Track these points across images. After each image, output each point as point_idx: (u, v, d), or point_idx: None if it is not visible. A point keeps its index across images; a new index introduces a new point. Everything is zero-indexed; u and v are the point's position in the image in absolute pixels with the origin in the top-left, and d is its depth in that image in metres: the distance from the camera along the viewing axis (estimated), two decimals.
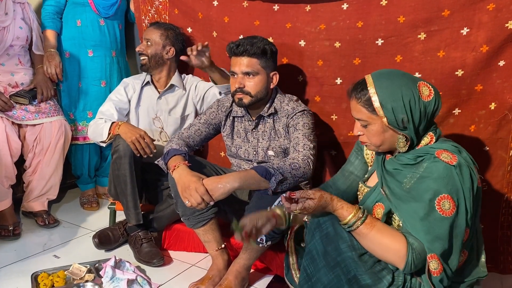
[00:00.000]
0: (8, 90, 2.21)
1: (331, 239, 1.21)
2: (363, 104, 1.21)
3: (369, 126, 1.23)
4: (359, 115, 1.23)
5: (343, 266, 1.18)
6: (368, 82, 1.21)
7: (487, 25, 1.59)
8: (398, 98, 1.17)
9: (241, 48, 1.66)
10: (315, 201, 1.19)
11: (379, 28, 1.73)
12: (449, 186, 1.12)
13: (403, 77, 1.21)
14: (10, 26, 2.19)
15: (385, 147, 1.26)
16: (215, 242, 1.75)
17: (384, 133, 1.22)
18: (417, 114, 1.18)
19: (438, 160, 1.14)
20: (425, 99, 1.18)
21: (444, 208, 1.11)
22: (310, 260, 1.24)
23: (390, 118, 1.18)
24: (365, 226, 1.16)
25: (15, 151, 2.13)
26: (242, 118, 1.82)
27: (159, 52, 2.09)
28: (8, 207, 2.14)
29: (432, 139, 1.22)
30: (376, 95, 1.18)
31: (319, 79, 1.90)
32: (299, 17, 1.87)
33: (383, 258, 1.18)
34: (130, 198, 1.91)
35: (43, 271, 1.72)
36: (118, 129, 1.91)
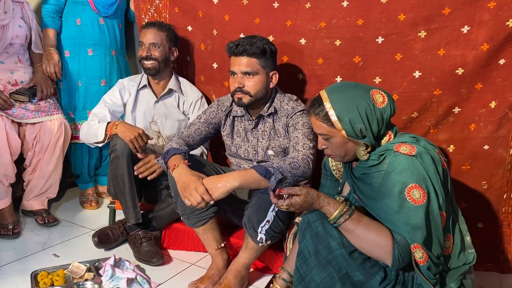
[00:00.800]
0: (7, 88, 2.21)
1: (321, 237, 1.23)
2: (322, 120, 1.25)
3: (331, 140, 1.27)
4: (320, 130, 1.28)
5: (335, 264, 1.20)
6: (323, 97, 1.26)
7: (488, 24, 1.59)
8: (353, 110, 1.21)
9: (240, 47, 1.65)
10: (301, 197, 1.24)
11: (380, 26, 1.73)
12: (414, 176, 1.15)
13: (356, 88, 1.26)
14: (9, 24, 2.19)
15: (350, 157, 1.30)
16: (214, 241, 1.75)
17: (346, 144, 1.26)
18: (374, 121, 1.22)
19: (398, 153, 1.18)
20: (379, 106, 1.23)
21: (415, 197, 1.14)
22: (302, 260, 1.27)
23: (349, 130, 1.22)
24: (351, 221, 1.19)
25: (15, 150, 2.13)
26: (242, 117, 1.82)
27: (167, 55, 2.07)
28: (8, 205, 2.15)
29: (390, 136, 1.26)
30: (332, 109, 1.23)
31: (319, 77, 1.90)
32: (299, 14, 1.86)
33: (371, 254, 1.20)
34: (129, 198, 1.91)
35: (42, 270, 1.72)
36: (115, 128, 1.90)
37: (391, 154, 1.19)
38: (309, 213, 1.32)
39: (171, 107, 2.13)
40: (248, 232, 1.63)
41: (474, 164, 1.72)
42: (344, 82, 1.33)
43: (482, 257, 1.77)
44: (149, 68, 2.05)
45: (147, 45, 2.03)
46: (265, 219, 1.57)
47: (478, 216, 1.75)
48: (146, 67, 2.05)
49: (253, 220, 1.59)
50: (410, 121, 1.77)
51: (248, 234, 1.63)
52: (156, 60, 2.03)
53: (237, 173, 1.53)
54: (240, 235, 1.88)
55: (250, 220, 1.60)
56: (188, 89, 2.16)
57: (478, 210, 1.75)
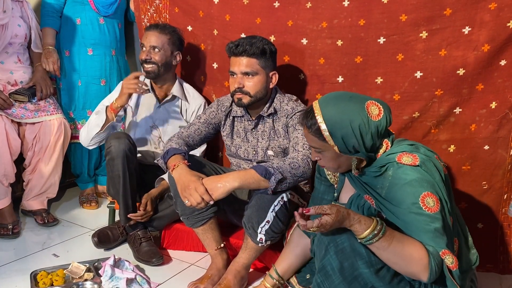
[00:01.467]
0: (7, 88, 2.21)
1: (348, 254, 1.16)
2: (314, 134, 1.21)
3: (323, 153, 1.24)
4: (312, 143, 1.25)
5: (361, 280, 1.14)
6: (316, 110, 1.20)
7: (489, 25, 1.59)
8: (346, 126, 1.16)
9: (240, 48, 1.65)
10: (332, 216, 1.11)
11: (381, 27, 1.73)
12: (424, 184, 1.12)
13: (350, 102, 1.20)
14: (8, 24, 2.18)
15: (344, 169, 1.27)
16: (214, 242, 1.75)
17: (338, 158, 1.23)
18: (368, 136, 1.18)
19: (402, 165, 1.14)
20: (375, 118, 1.18)
21: (429, 205, 1.12)
22: (324, 276, 1.19)
23: (341, 146, 1.18)
24: (385, 239, 1.11)
25: (15, 149, 2.12)
26: (242, 117, 1.82)
27: (168, 59, 2.01)
28: (7, 205, 2.14)
29: (387, 145, 1.22)
30: (325, 124, 1.18)
31: (320, 77, 1.89)
32: (300, 14, 1.86)
33: (406, 269, 1.12)
34: (123, 199, 1.91)
35: (42, 270, 1.72)
36: (114, 103, 1.93)
37: (394, 165, 1.15)
38: None
39: (173, 112, 2.11)
40: (247, 233, 1.63)
41: (475, 164, 1.72)
42: (339, 93, 1.26)
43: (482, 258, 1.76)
44: (149, 72, 2.00)
45: (148, 48, 1.99)
46: (264, 220, 1.57)
47: (478, 217, 1.76)
48: (146, 70, 2.01)
49: (253, 221, 1.59)
50: (411, 121, 1.77)
51: (248, 235, 1.63)
52: (155, 64, 1.98)
53: (237, 173, 1.53)
54: (239, 235, 1.88)
55: (250, 220, 1.60)
56: (191, 96, 2.12)
57: (478, 211, 1.75)
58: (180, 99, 2.10)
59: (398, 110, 1.78)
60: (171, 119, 2.10)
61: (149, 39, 1.99)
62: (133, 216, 1.91)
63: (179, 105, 2.11)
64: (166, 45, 2.00)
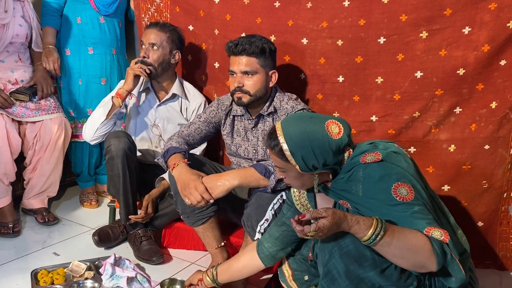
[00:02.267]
0: (8, 87, 2.21)
1: (353, 257, 1.14)
2: (277, 154, 1.23)
3: (287, 172, 1.26)
4: (276, 163, 1.26)
5: (368, 281, 1.13)
6: (278, 131, 1.22)
7: (489, 25, 1.60)
8: (306, 146, 1.18)
9: (239, 47, 1.65)
10: (329, 219, 1.08)
11: (381, 27, 1.73)
12: (393, 176, 1.13)
13: (311, 122, 1.22)
14: (9, 23, 2.19)
15: (308, 186, 1.29)
16: (214, 240, 1.75)
17: (302, 177, 1.25)
18: (329, 155, 1.19)
19: (368, 164, 1.16)
20: (335, 137, 1.20)
21: (403, 195, 1.12)
22: (330, 281, 1.18)
23: (302, 166, 1.20)
24: (387, 234, 1.07)
25: (15, 148, 2.12)
26: (242, 117, 1.82)
27: (166, 58, 2.01)
28: (8, 204, 2.14)
29: (350, 152, 1.24)
30: (286, 144, 1.20)
31: (321, 77, 1.90)
32: (300, 14, 1.86)
33: (414, 261, 1.09)
34: (123, 198, 1.91)
35: (42, 269, 1.72)
36: (120, 89, 1.98)
37: (361, 166, 1.17)
38: None
39: (173, 111, 2.11)
40: (247, 231, 1.63)
41: (475, 164, 1.73)
42: (301, 114, 1.31)
43: (481, 255, 1.79)
44: (147, 73, 1.99)
45: (146, 45, 1.99)
46: (264, 218, 1.57)
47: (479, 215, 1.77)
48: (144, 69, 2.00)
49: (252, 219, 1.59)
50: (412, 121, 1.78)
51: (247, 233, 1.63)
52: (151, 65, 1.97)
53: (237, 171, 1.53)
54: (240, 234, 1.89)
55: (249, 219, 1.60)
56: (192, 95, 2.12)
57: (479, 209, 1.76)
58: (180, 98, 2.11)
59: (398, 109, 1.79)
60: (172, 117, 2.10)
61: (148, 37, 1.99)
62: (134, 217, 1.92)
63: (179, 104, 2.11)
64: (165, 43, 1.99)
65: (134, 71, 1.95)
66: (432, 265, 1.07)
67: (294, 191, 1.43)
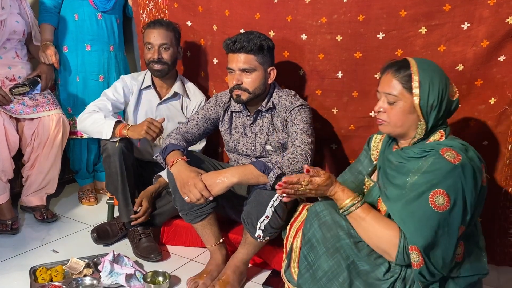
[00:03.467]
0: (5, 83, 2.20)
1: (330, 226, 1.26)
2: (400, 79, 1.22)
3: (396, 103, 1.24)
4: (391, 89, 1.24)
5: (342, 252, 1.22)
6: (411, 62, 1.23)
7: (488, 20, 1.59)
8: (435, 83, 1.20)
9: (237, 44, 1.64)
10: (322, 178, 1.27)
11: (381, 22, 1.73)
12: (447, 182, 1.12)
13: (441, 70, 1.26)
14: (6, 20, 2.18)
15: (401, 131, 1.26)
16: (213, 237, 1.75)
17: (408, 115, 1.23)
18: (443, 106, 1.22)
19: (442, 158, 1.14)
20: (451, 97, 1.24)
21: (437, 202, 1.12)
22: (310, 248, 1.28)
23: (423, 99, 1.20)
24: (362, 210, 1.22)
25: (13, 145, 2.12)
26: (240, 113, 1.82)
27: (175, 56, 2.01)
28: (6, 201, 2.14)
29: (442, 136, 1.24)
30: (418, 74, 1.20)
31: (320, 73, 1.89)
32: (299, 9, 1.85)
33: (377, 245, 1.20)
34: (121, 196, 1.91)
35: (41, 266, 1.72)
36: (126, 132, 1.86)
37: (435, 155, 1.15)
38: (317, 204, 1.33)
39: (174, 109, 2.10)
40: (246, 228, 1.63)
41: None
42: (431, 61, 1.30)
43: None
44: (159, 71, 1.99)
45: (157, 47, 1.95)
46: (263, 215, 1.57)
47: None
48: (155, 70, 1.99)
49: (252, 216, 1.59)
50: None
51: (247, 230, 1.63)
52: (166, 64, 1.97)
53: (236, 168, 1.53)
54: (238, 230, 1.89)
55: (249, 216, 1.60)
56: (192, 93, 2.11)
57: None
58: (182, 96, 2.10)
59: None
60: (173, 116, 2.10)
61: (157, 37, 1.96)
62: (137, 220, 1.91)
63: (180, 103, 2.11)
64: (173, 41, 2.00)
65: (147, 135, 1.82)
66: (392, 255, 1.18)
67: (377, 137, 1.47)
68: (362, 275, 1.21)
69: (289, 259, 1.49)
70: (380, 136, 1.47)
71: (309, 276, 1.28)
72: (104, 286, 1.65)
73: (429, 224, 1.12)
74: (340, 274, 1.22)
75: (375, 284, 1.20)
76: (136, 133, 1.84)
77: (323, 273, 1.24)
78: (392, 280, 1.20)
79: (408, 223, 1.14)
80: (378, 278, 1.20)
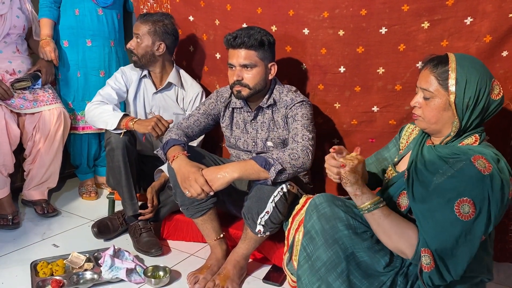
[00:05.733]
0: (5, 77, 2.20)
1: (328, 218, 1.26)
2: (437, 75, 1.21)
3: (432, 100, 1.22)
4: (427, 85, 1.22)
5: (341, 243, 1.22)
6: (450, 58, 1.21)
7: (491, 15, 1.58)
8: (473, 81, 1.18)
9: (238, 40, 1.63)
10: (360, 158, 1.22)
11: (383, 17, 1.72)
12: (474, 192, 1.10)
13: (483, 67, 1.22)
14: (7, 14, 2.18)
15: (435, 127, 1.25)
16: (213, 232, 1.75)
17: (443, 112, 1.21)
18: (480, 105, 1.19)
19: (473, 165, 1.12)
20: (493, 97, 1.20)
21: (463, 211, 1.10)
22: (309, 239, 1.29)
23: (459, 96, 1.18)
24: (383, 209, 1.19)
25: (14, 139, 2.12)
26: (241, 109, 1.81)
27: (149, 49, 2.00)
28: (6, 195, 2.14)
29: (476, 141, 1.22)
30: (455, 71, 1.18)
31: (322, 68, 1.89)
32: (301, 4, 1.84)
33: (395, 244, 1.18)
34: (126, 190, 1.91)
35: (42, 260, 1.73)
36: (132, 124, 1.88)
37: (466, 161, 1.13)
38: (317, 196, 1.33)
39: (169, 100, 2.11)
40: (247, 223, 1.63)
41: None
42: (475, 57, 1.27)
43: None
44: (133, 62, 2.06)
45: (134, 37, 2.03)
46: (264, 210, 1.57)
47: None
48: (132, 60, 2.06)
49: (253, 211, 1.59)
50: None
51: (247, 225, 1.63)
52: (135, 55, 2.02)
53: (237, 164, 1.52)
54: (239, 225, 1.88)
55: (250, 211, 1.60)
56: (189, 85, 2.11)
57: None
58: (176, 87, 2.11)
59: (399, 100, 1.78)
60: (167, 106, 2.11)
61: (134, 29, 2.02)
62: (144, 216, 1.92)
63: (175, 93, 2.11)
64: (147, 35, 2.00)
65: (153, 131, 1.84)
66: (409, 254, 1.17)
67: (410, 127, 1.46)
68: (361, 266, 1.22)
69: (291, 252, 1.49)
70: (413, 126, 1.46)
71: (308, 267, 1.28)
72: (104, 280, 1.65)
73: (450, 231, 1.11)
74: (339, 265, 1.22)
75: (374, 276, 1.21)
76: (143, 127, 1.86)
77: (322, 264, 1.24)
78: (392, 274, 1.21)
79: (428, 226, 1.13)
80: (377, 270, 1.21)
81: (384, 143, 1.88)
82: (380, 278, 1.21)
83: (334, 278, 1.22)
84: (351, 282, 1.22)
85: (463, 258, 1.12)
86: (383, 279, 1.21)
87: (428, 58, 1.27)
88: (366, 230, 1.25)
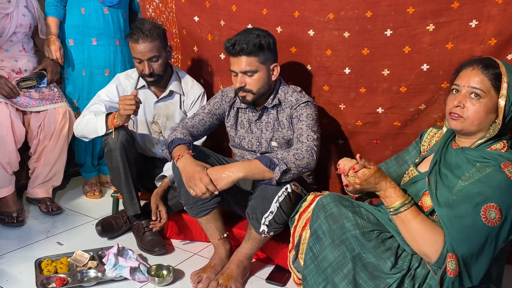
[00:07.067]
0: (12, 76, 2.21)
1: (336, 218, 1.26)
2: (489, 76, 1.19)
3: (480, 99, 1.20)
4: (479, 84, 1.20)
5: (348, 244, 1.22)
6: (499, 63, 1.21)
7: (496, 18, 1.59)
8: None
9: (237, 47, 1.61)
10: (371, 171, 1.19)
11: (388, 19, 1.72)
12: (502, 198, 1.10)
13: None
14: (13, 13, 2.19)
15: (474, 129, 1.22)
16: (217, 231, 1.75)
17: (488, 114, 1.20)
18: None
19: (502, 171, 1.12)
20: None
21: (489, 216, 1.10)
22: (315, 239, 1.29)
23: (510, 100, 1.17)
24: (412, 210, 1.18)
25: (19, 137, 2.13)
26: (246, 109, 1.81)
27: (165, 61, 1.96)
28: (11, 193, 2.15)
29: (504, 146, 1.22)
30: (507, 75, 1.18)
31: (327, 69, 1.89)
32: (307, 5, 1.85)
33: (419, 247, 1.17)
34: (126, 190, 1.90)
35: (46, 258, 1.73)
36: (116, 121, 1.84)
37: (495, 166, 1.13)
38: (324, 196, 1.33)
39: (172, 107, 2.07)
40: (251, 223, 1.63)
41: None
42: None
43: None
44: (153, 82, 1.96)
45: (146, 62, 1.88)
46: (268, 210, 1.57)
47: None
48: (150, 81, 1.96)
49: (257, 211, 1.59)
50: (418, 113, 1.78)
51: (251, 225, 1.63)
52: (158, 75, 1.94)
53: (242, 163, 1.53)
54: (243, 225, 1.89)
55: (254, 211, 1.60)
56: (190, 88, 2.08)
57: None
58: (179, 94, 2.07)
59: (404, 102, 1.78)
60: (171, 114, 2.08)
61: (144, 52, 1.86)
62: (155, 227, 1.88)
63: (178, 99, 2.08)
64: (161, 48, 1.92)
65: (126, 112, 1.78)
66: (432, 257, 1.15)
67: (432, 130, 1.45)
68: (367, 268, 1.22)
69: (297, 250, 1.49)
70: (435, 129, 1.45)
71: (314, 267, 1.29)
72: (108, 278, 1.65)
73: (477, 237, 1.11)
74: (345, 265, 1.22)
75: (381, 277, 1.21)
76: (120, 119, 1.82)
77: (328, 264, 1.24)
78: (399, 276, 1.20)
79: (455, 232, 1.12)
80: (384, 272, 1.21)
81: (388, 144, 1.90)
82: (387, 281, 1.20)
83: (340, 278, 1.23)
84: (357, 283, 1.22)
85: (485, 263, 1.13)
86: (389, 281, 1.20)
87: (470, 60, 1.25)
88: (373, 229, 1.25)
